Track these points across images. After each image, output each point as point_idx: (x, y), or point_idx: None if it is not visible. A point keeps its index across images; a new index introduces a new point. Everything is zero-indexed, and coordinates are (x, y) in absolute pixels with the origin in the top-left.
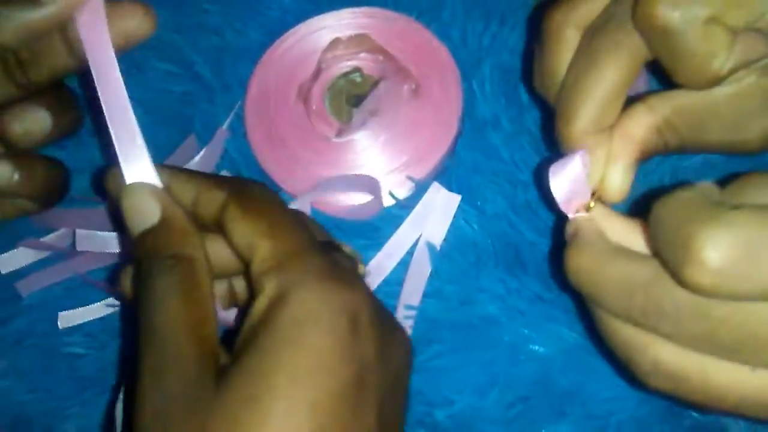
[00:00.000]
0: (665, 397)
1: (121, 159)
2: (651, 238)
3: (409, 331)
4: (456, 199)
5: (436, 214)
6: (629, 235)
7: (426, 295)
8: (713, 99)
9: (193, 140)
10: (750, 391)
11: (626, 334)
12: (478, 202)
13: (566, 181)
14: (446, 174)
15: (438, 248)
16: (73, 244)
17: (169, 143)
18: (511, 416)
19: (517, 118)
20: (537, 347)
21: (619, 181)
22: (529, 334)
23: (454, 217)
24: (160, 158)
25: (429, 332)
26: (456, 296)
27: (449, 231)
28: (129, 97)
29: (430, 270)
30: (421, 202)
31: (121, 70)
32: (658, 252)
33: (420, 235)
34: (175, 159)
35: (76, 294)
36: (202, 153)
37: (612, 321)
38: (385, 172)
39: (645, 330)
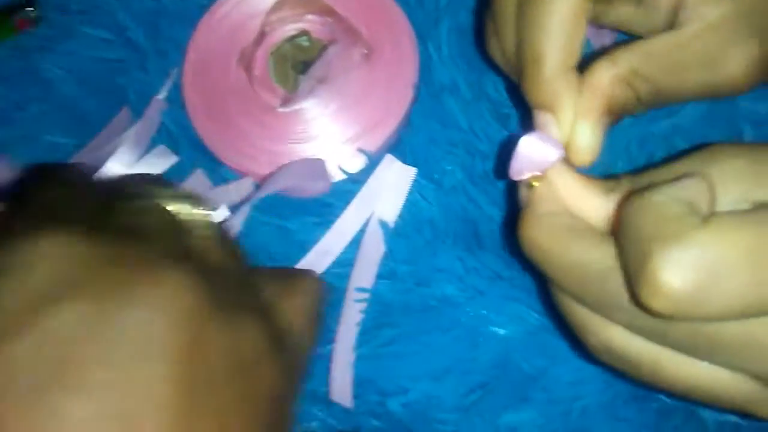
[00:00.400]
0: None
1: None
2: (617, 235)
3: (360, 316)
4: (411, 172)
5: (390, 188)
6: (587, 201)
7: (379, 276)
8: (682, 39)
9: (126, 112)
10: (701, 383)
11: (580, 314)
12: (435, 175)
13: (532, 155)
14: (400, 145)
15: (391, 226)
16: None
17: (101, 116)
18: (469, 403)
19: (477, 84)
20: (497, 329)
21: (586, 139)
22: (488, 315)
23: (409, 191)
24: (92, 133)
25: (382, 316)
26: (411, 277)
27: (404, 206)
28: (58, 66)
29: (383, 250)
30: (373, 175)
31: (48, 37)
32: (620, 253)
33: (373, 212)
34: (109, 133)
35: None
36: (135, 126)
37: (566, 298)
38: (335, 144)
39: (599, 314)
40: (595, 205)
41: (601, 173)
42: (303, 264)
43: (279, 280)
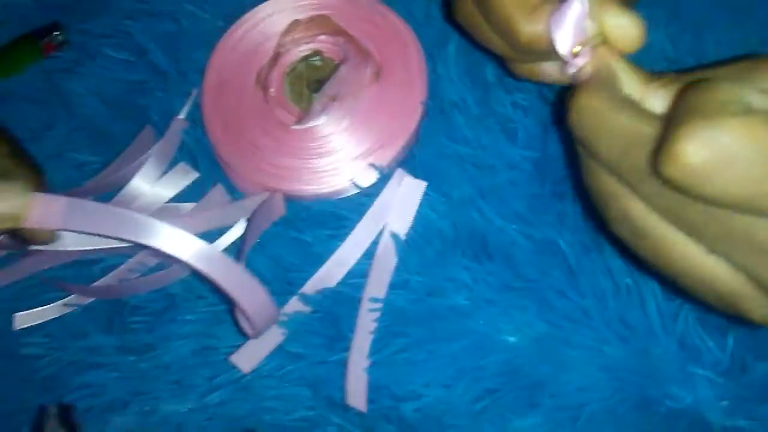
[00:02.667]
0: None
1: None
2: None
3: (374, 325)
4: (421, 185)
5: (401, 201)
6: (628, 82)
7: (392, 286)
8: None
9: (149, 131)
10: (698, 267)
11: (607, 182)
12: (445, 188)
13: (568, 27)
14: (411, 160)
15: (403, 238)
16: None
17: (125, 135)
18: (479, 409)
19: (484, 100)
20: (506, 337)
21: (617, 21)
22: (497, 324)
23: (420, 204)
24: (116, 151)
25: (395, 325)
26: (422, 287)
27: (415, 219)
28: (83, 87)
29: (395, 261)
30: (385, 189)
31: (73, 60)
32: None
33: (385, 224)
34: (132, 151)
35: (32, 293)
36: (158, 144)
37: (598, 169)
38: (347, 159)
39: (625, 185)
40: (633, 87)
41: None
42: (318, 275)
43: None
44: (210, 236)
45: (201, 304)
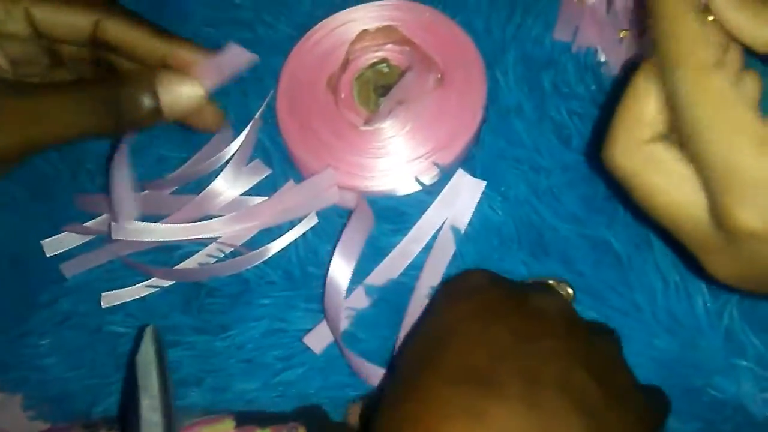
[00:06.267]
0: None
1: None
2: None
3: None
4: (481, 184)
5: (462, 199)
6: None
7: (448, 276)
8: None
9: (228, 130)
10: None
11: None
12: (502, 188)
13: None
14: (471, 160)
15: (462, 232)
16: None
17: (204, 133)
18: None
19: (540, 106)
20: None
21: None
22: None
23: (479, 202)
24: (195, 148)
25: None
26: None
27: (474, 216)
28: None
29: (453, 250)
30: (446, 187)
31: None
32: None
33: (445, 220)
34: (211, 148)
35: (116, 275)
36: (236, 142)
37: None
38: (411, 159)
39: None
40: None
41: None
42: (382, 266)
43: None
44: (282, 229)
45: (273, 290)
